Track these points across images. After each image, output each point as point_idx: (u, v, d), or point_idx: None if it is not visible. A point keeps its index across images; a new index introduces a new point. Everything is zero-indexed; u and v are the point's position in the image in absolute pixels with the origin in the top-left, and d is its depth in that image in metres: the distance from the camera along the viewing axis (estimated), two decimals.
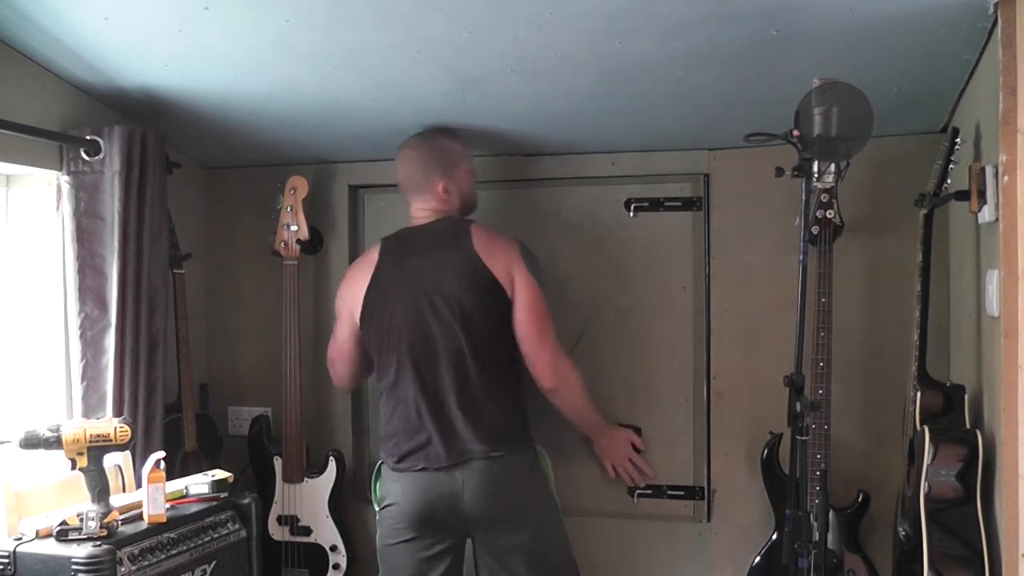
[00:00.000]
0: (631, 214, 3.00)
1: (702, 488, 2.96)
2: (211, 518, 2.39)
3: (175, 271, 2.93)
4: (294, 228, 3.02)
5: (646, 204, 2.99)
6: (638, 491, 2.98)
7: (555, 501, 2.60)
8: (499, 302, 2.48)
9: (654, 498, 2.97)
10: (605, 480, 2.97)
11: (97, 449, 2.20)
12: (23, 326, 2.68)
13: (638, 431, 2.93)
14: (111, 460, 2.37)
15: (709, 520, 2.93)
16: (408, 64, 2.39)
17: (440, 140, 2.70)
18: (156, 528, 2.24)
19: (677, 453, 2.98)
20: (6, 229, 2.70)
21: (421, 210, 2.65)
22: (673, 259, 2.97)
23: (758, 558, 2.72)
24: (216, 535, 2.38)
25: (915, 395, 2.30)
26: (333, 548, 3.03)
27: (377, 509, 2.63)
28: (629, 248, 3.00)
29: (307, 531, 3.03)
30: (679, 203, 2.97)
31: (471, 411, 2.47)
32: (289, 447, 3.02)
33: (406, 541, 2.50)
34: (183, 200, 3.09)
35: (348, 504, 3.15)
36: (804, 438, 2.09)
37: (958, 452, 2.11)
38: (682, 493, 2.98)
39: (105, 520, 2.14)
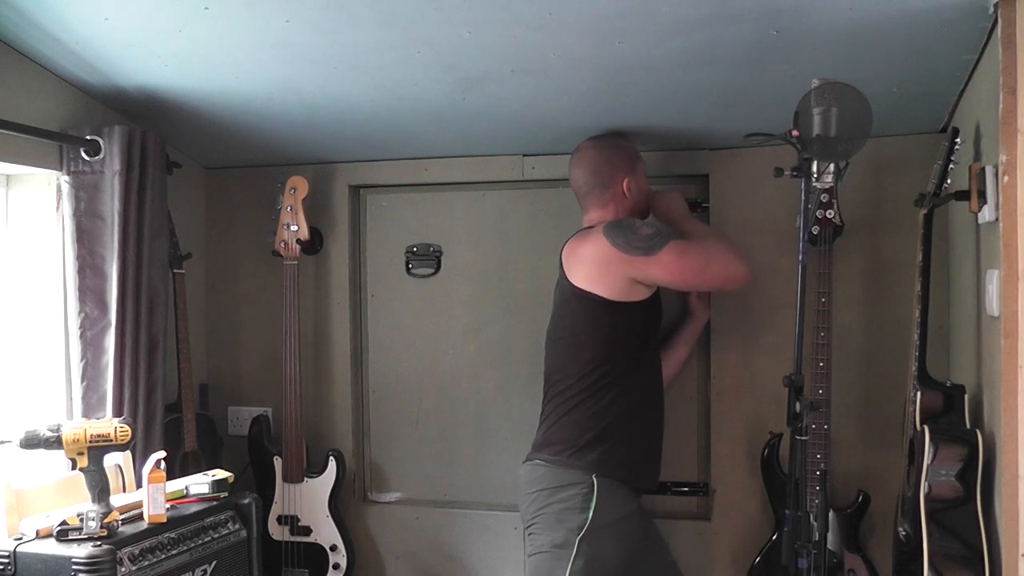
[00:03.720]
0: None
1: (706, 484, 2.96)
2: (211, 518, 2.39)
3: (175, 271, 2.93)
4: (294, 228, 3.02)
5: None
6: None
7: (573, 542, 2.30)
8: (591, 305, 2.38)
9: (658, 494, 2.97)
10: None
11: (97, 449, 2.20)
12: (23, 326, 2.68)
13: None
14: (111, 460, 2.37)
15: (709, 519, 2.94)
16: (408, 64, 2.39)
17: (618, 140, 2.66)
18: (156, 528, 2.24)
19: (681, 451, 2.99)
20: (6, 229, 2.70)
21: (589, 219, 2.59)
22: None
23: (758, 558, 2.72)
24: (216, 535, 2.39)
25: (915, 395, 2.30)
26: (333, 548, 3.03)
27: None
28: None
29: (307, 531, 3.03)
30: None
31: (544, 414, 2.52)
32: (289, 447, 3.02)
33: None
34: (183, 200, 3.09)
35: (348, 504, 3.15)
36: (804, 438, 2.09)
37: (958, 452, 2.11)
38: (686, 490, 2.98)
39: (105, 520, 2.14)
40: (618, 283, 2.36)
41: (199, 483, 2.47)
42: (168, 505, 2.30)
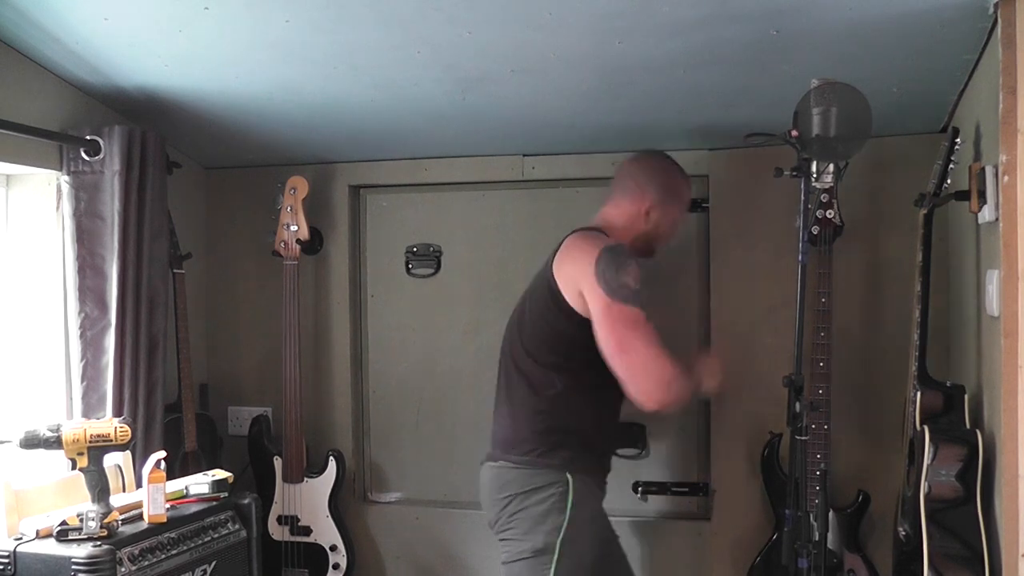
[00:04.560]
0: None
1: (706, 484, 2.96)
2: (211, 518, 2.39)
3: (175, 271, 2.93)
4: (294, 228, 3.02)
5: None
6: (642, 488, 2.99)
7: (554, 546, 2.23)
8: (565, 314, 2.26)
9: (659, 495, 2.97)
10: (606, 480, 2.98)
11: (97, 449, 2.19)
12: (23, 326, 2.68)
13: (642, 429, 2.93)
14: (111, 460, 2.37)
15: (709, 519, 2.94)
16: (408, 64, 2.39)
17: (674, 169, 2.48)
18: (156, 528, 2.24)
19: (681, 451, 2.99)
20: (6, 229, 2.70)
21: (604, 215, 2.44)
22: (676, 259, 2.98)
23: (758, 558, 2.72)
24: (216, 535, 2.38)
25: (915, 395, 2.30)
26: (333, 548, 3.03)
27: None
28: None
29: (307, 531, 3.03)
30: None
31: (498, 414, 2.43)
32: (289, 447, 3.02)
33: None
34: (183, 200, 3.09)
35: (348, 504, 3.15)
36: (804, 438, 2.09)
37: (958, 452, 2.11)
38: (686, 490, 2.98)
39: (105, 520, 2.14)
40: (584, 303, 2.25)
41: (199, 483, 2.47)
42: (168, 505, 2.30)
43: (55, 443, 2.16)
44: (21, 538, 2.12)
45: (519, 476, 2.29)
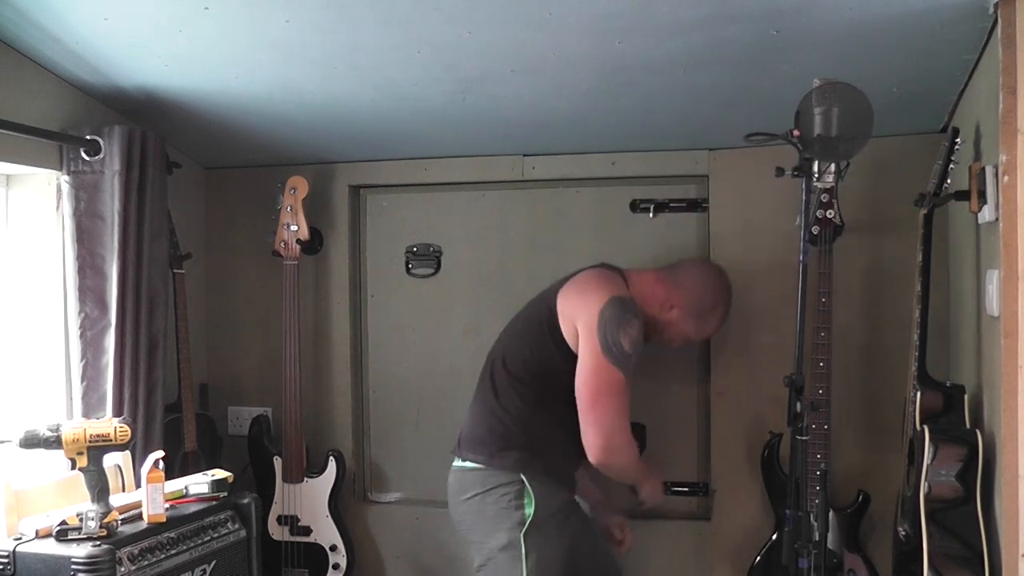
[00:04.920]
0: (636, 215, 3.00)
1: (706, 484, 2.96)
2: (211, 518, 2.39)
3: (175, 271, 2.93)
4: (294, 228, 3.02)
5: (651, 205, 2.99)
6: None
7: (518, 541, 2.32)
8: (555, 342, 2.35)
9: None
10: (606, 479, 2.97)
11: (97, 449, 2.19)
12: (23, 326, 2.68)
13: (643, 428, 2.93)
14: (111, 460, 2.36)
15: (709, 519, 2.93)
16: (408, 64, 2.39)
17: (721, 305, 2.54)
18: (156, 528, 2.24)
19: (681, 451, 2.99)
20: (6, 229, 2.70)
21: (641, 274, 2.50)
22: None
23: (758, 558, 2.72)
24: (216, 535, 2.38)
25: (915, 395, 2.30)
26: (333, 548, 3.03)
27: None
28: (634, 249, 3.00)
29: (307, 531, 3.03)
30: (684, 204, 2.98)
31: (469, 412, 2.51)
32: (289, 447, 3.02)
33: None
34: (183, 200, 3.09)
35: (348, 504, 3.15)
36: (804, 438, 2.08)
37: (958, 452, 2.11)
38: (686, 490, 2.98)
39: (105, 520, 2.14)
40: (576, 339, 2.33)
41: (199, 483, 2.46)
42: (167, 505, 2.30)
43: (55, 443, 2.15)
44: (21, 538, 2.12)
45: (476, 477, 2.38)
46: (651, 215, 2.99)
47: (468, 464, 2.42)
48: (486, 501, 2.35)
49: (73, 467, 2.20)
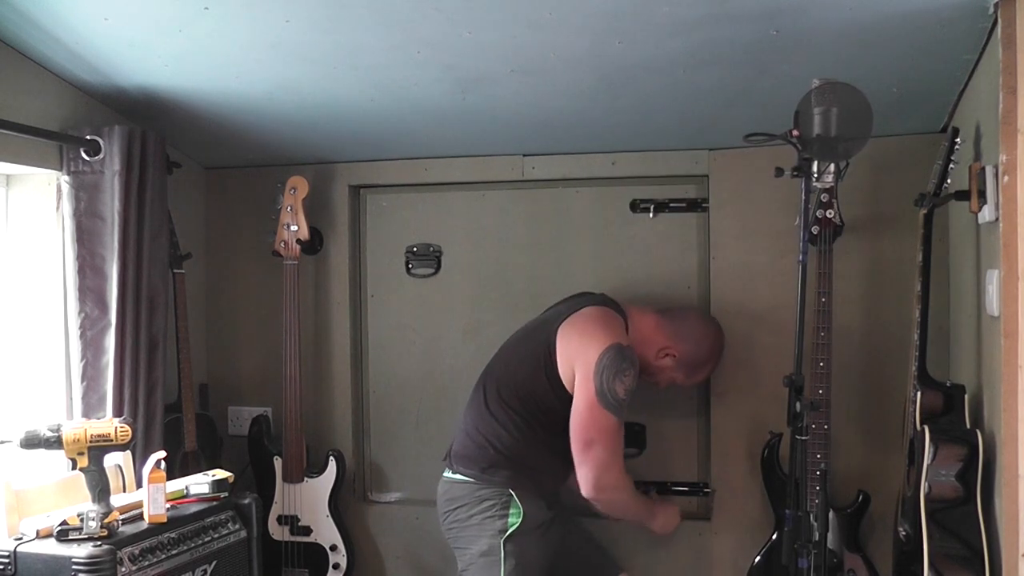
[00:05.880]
0: (636, 215, 3.00)
1: (706, 484, 2.96)
2: (211, 518, 2.39)
3: (175, 271, 2.93)
4: (294, 228, 3.02)
5: (651, 205, 2.99)
6: (642, 488, 2.99)
7: (498, 547, 2.42)
8: (551, 381, 2.44)
9: (660, 494, 2.97)
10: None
11: (98, 449, 2.19)
12: (23, 326, 2.68)
13: (643, 428, 2.93)
14: (111, 460, 2.37)
15: (709, 519, 2.94)
16: (408, 64, 2.39)
17: (712, 357, 2.68)
18: (156, 528, 2.24)
19: (681, 451, 2.99)
20: (6, 229, 2.70)
21: (641, 313, 2.60)
22: (677, 259, 2.98)
23: (758, 558, 2.72)
24: (216, 535, 2.38)
25: (915, 395, 2.30)
26: (333, 548, 3.03)
27: None
28: (634, 248, 3.00)
29: (307, 531, 3.03)
30: (684, 204, 2.98)
31: (463, 422, 2.59)
32: (289, 447, 3.02)
33: None
34: (183, 200, 3.09)
35: (348, 504, 3.15)
36: (804, 438, 2.09)
37: (958, 452, 2.11)
38: (686, 490, 2.99)
39: (105, 520, 2.14)
40: (572, 380, 2.42)
41: (199, 483, 2.47)
42: (168, 505, 2.30)
43: (55, 443, 2.15)
44: (21, 538, 2.12)
45: (466, 489, 2.49)
46: (651, 215, 2.99)
47: (458, 476, 2.52)
48: (473, 511, 2.46)
49: (74, 467, 2.20)
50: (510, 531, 2.42)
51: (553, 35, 2.19)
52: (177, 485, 2.45)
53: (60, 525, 2.12)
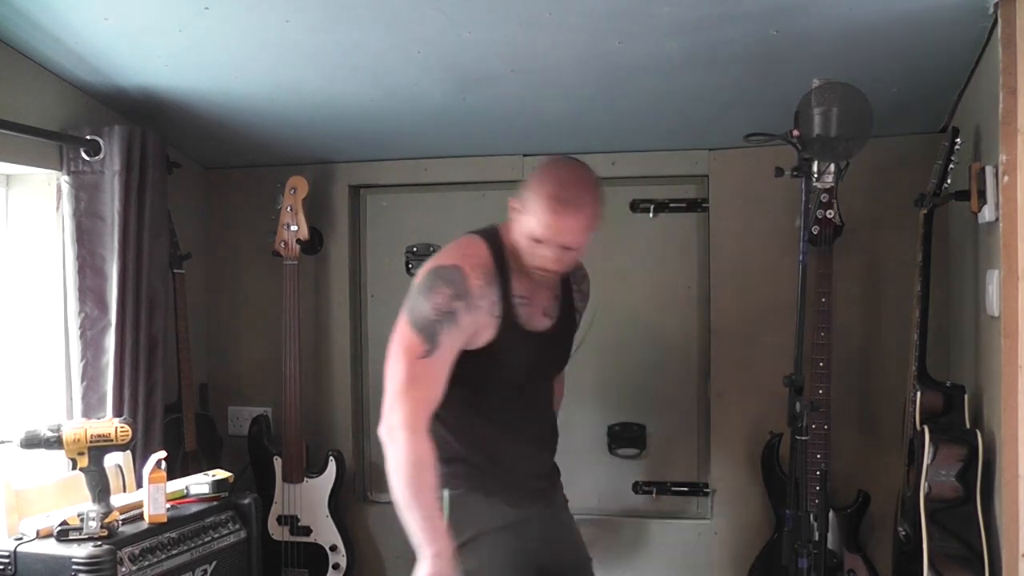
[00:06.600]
0: (636, 215, 3.00)
1: (706, 484, 2.96)
2: (211, 518, 2.39)
3: (175, 271, 2.93)
4: (294, 228, 3.02)
5: (651, 205, 2.99)
6: (642, 488, 2.99)
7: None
8: None
9: (659, 494, 2.97)
10: (606, 478, 2.97)
11: (98, 449, 2.19)
12: (23, 326, 2.68)
13: (643, 428, 2.93)
14: (111, 460, 2.37)
15: (710, 519, 2.94)
16: (408, 64, 2.39)
17: (559, 169, 2.05)
18: (156, 528, 2.24)
19: (681, 451, 2.99)
20: (6, 229, 2.70)
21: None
22: (677, 259, 2.98)
23: (758, 558, 2.72)
24: (216, 535, 2.38)
25: (915, 395, 2.30)
26: (333, 548, 3.03)
27: None
28: (634, 249, 3.00)
29: (307, 531, 3.03)
30: (684, 204, 2.98)
31: None
32: (289, 447, 3.02)
33: None
34: (183, 200, 3.08)
35: (348, 504, 3.15)
36: (804, 438, 2.09)
37: (958, 452, 2.11)
38: (686, 490, 2.99)
39: (106, 520, 2.14)
40: None
41: (199, 483, 2.47)
42: (168, 505, 2.30)
43: (56, 443, 2.15)
44: (21, 538, 2.12)
45: None
46: (651, 215, 2.99)
47: None
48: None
49: (74, 467, 2.20)
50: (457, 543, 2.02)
51: (553, 35, 2.19)
52: (177, 485, 2.45)
53: (60, 525, 2.12)
